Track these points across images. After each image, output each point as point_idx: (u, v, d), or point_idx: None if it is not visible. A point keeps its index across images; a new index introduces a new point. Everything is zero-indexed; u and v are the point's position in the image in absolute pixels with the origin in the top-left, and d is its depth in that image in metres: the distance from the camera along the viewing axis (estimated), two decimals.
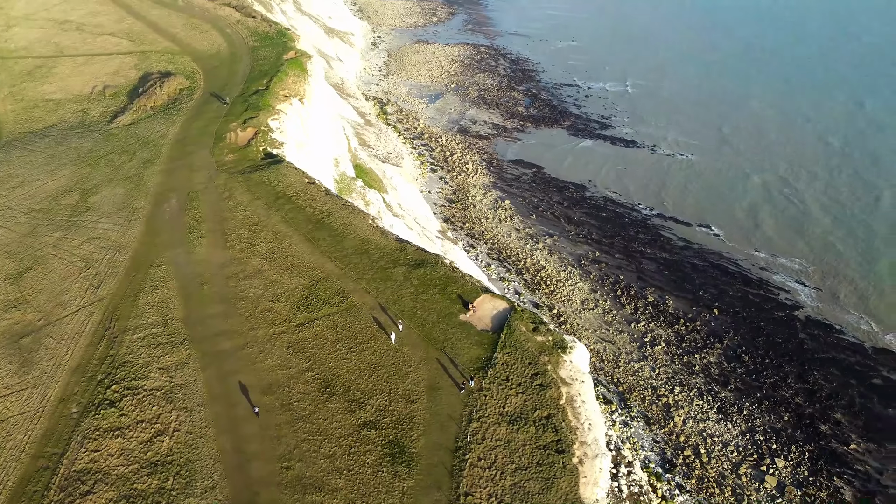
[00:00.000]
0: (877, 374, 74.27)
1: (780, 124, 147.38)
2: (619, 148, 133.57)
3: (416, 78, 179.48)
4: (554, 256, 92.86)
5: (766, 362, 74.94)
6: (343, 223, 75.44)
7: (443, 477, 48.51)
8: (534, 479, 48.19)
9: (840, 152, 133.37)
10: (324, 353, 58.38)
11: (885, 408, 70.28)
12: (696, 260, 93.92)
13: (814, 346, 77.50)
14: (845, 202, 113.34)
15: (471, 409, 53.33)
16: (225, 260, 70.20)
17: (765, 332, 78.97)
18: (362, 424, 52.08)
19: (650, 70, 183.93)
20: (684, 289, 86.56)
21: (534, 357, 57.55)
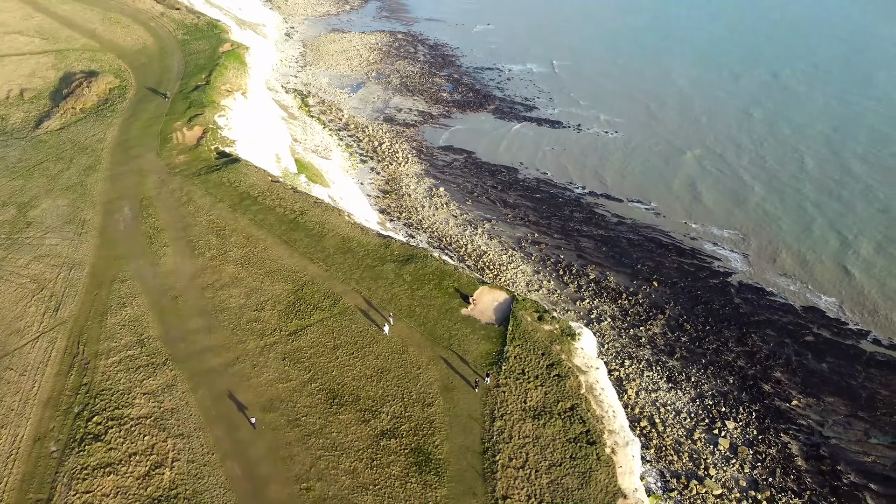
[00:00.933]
0: (808, 332, 77.11)
1: (703, 99, 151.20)
2: (546, 129, 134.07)
3: (335, 68, 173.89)
4: (494, 241, 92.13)
5: (706, 329, 76.64)
6: (319, 221, 71.28)
7: (475, 482, 46.04)
8: (570, 474, 46.41)
9: (763, 122, 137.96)
10: (324, 361, 54.62)
11: (819, 363, 72.82)
12: (631, 235, 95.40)
13: (749, 309, 79.95)
14: (772, 169, 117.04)
15: (491, 407, 50.98)
16: (196, 269, 64.94)
17: (703, 299, 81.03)
18: (380, 434, 48.87)
19: (568, 51, 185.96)
20: (623, 263, 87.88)
21: (545, 347, 55.71)
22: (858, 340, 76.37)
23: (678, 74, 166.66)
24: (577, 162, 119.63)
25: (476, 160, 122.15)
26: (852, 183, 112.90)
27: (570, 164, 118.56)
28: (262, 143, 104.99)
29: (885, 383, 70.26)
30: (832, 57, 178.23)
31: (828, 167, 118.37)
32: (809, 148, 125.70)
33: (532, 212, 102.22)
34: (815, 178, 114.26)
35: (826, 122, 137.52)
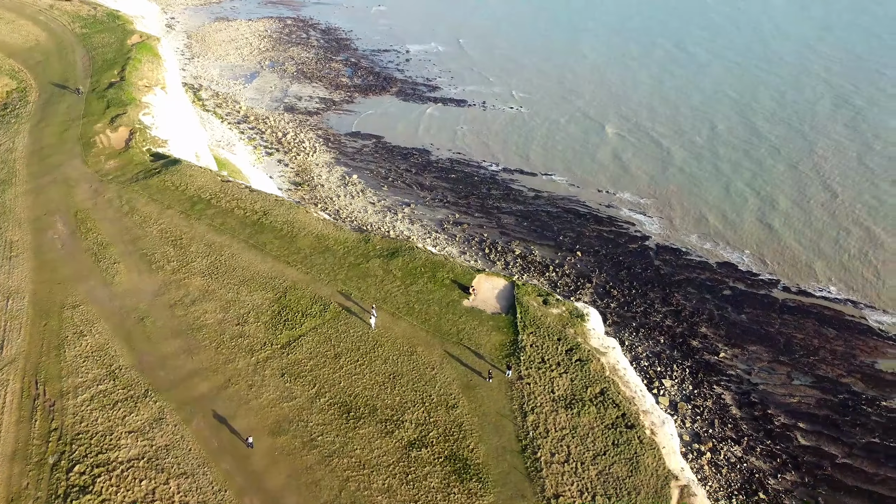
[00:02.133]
0: (725, 286, 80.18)
1: (613, 71, 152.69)
2: (453, 108, 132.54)
3: (225, 58, 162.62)
4: (416, 225, 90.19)
5: (633, 293, 78.19)
6: (286, 221, 65.72)
7: (521, 483, 43.17)
8: (617, 461, 44.38)
9: (673, 90, 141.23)
10: (328, 372, 49.95)
11: (739, 314, 75.69)
12: (549, 207, 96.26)
13: (669, 270, 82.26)
14: (681, 134, 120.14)
15: (519, 401, 48.16)
16: (158, 285, 58.14)
17: (625, 265, 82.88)
18: (408, 445, 45.02)
19: (466, 30, 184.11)
20: (545, 237, 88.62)
21: (559, 332, 53.39)
22: (770, 290, 79.59)
23: (589, 49, 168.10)
24: (488, 139, 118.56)
25: (386, 144, 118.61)
26: (757, 143, 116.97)
27: (482, 142, 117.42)
28: (183, 140, 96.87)
29: (799, 327, 73.12)
30: (734, 26, 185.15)
31: (735, 130, 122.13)
32: (718, 112, 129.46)
33: (450, 192, 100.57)
34: (721, 141, 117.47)
35: (731, 87, 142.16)
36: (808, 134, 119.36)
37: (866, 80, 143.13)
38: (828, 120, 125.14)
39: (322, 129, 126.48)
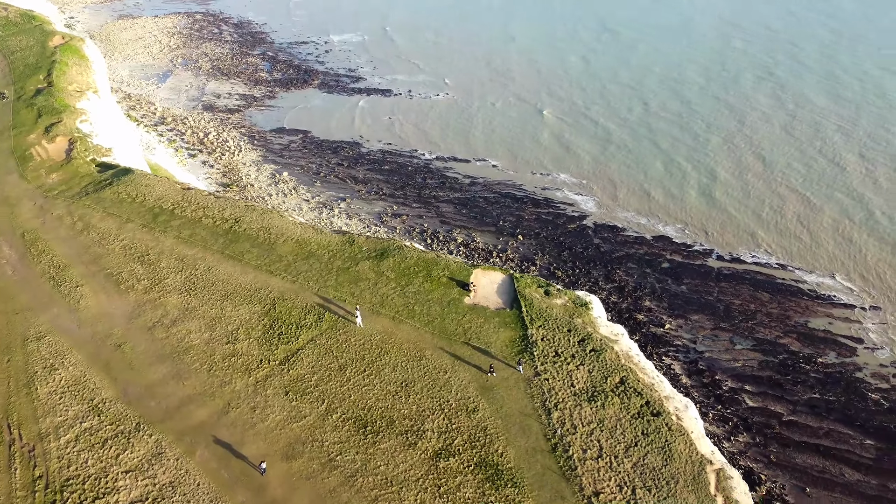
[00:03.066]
0: (663, 259, 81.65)
1: (543, 53, 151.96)
2: (379, 98, 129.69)
3: (133, 58, 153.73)
4: (354, 220, 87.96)
5: (577, 273, 78.60)
6: (260, 227, 61.79)
7: (559, 484, 41.59)
8: (650, 451, 43.42)
9: (604, 69, 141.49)
10: (335, 386, 46.94)
11: (679, 286, 77.10)
12: (486, 193, 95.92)
13: (609, 248, 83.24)
14: (618, 112, 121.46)
15: (540, 398, 46.55)
16: (131, 307, 53.45)
17: (566, 245, 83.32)
18: (434, 456, 42.70)
19: (391, 17, 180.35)
20: (485, 223, 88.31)
21: (568, 323, 52.08)
22: (705, 259, 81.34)
23: (517, 32, 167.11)
24: (419, 128, 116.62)
25: (314, 139, 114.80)
26: (687, 117, 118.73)
27: (412, 132, 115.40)
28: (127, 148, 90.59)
29: (735, 293, 74.92)
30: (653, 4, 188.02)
31: (666, 106, 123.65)
32: (650, 90, 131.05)
33: (385, 184, 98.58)
34: (652, 117, 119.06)
35: (657, 64, 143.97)
36: (736, 106, 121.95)
37: (784, 53, 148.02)
38: (752, 92, 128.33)
39: (245, 126, 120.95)
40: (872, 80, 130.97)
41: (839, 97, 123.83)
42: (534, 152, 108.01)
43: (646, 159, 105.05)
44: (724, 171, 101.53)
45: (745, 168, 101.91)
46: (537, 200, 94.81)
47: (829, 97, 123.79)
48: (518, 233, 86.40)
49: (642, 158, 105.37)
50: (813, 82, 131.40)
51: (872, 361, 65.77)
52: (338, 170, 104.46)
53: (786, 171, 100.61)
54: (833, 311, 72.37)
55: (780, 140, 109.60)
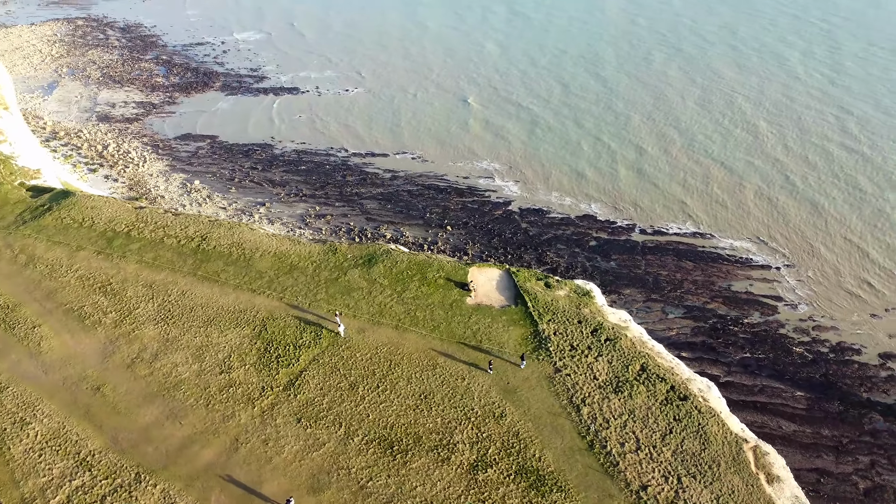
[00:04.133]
0: (590, 237, 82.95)
1: (454, 41, 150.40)
2: (287, 97, 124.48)
3: (12, 70, 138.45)
4: (276, 224, 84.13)
5: (509, 258, 78.61)
6: (231, 243, 57.28)
7: (603, 482, 40.19)
8: (686, 437, 42.69)
9: (521, 53, 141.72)
10: (350, 407, 43.76)
11: (608, 262, 78.53)
12: (409, 186, 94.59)
13: (536, 231, 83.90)
14: (539, 95, 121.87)
15: (566, 395, 45.00)
16: (101, 345, 48.18)
17: (496, 232, 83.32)
18: (471, 469, 40.40)
19: (291, 12, 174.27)
20: (412, 216, 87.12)
21: (575, 314, 50.81)
22: (630, 234, 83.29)
23: (429, 20, 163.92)
24: (330, 125, 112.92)
25: (223, 143, 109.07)
26: (605, 97, 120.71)
27: (325, 129, 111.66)
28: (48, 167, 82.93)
29: (661, 265, 76.91)
30: None
31: (585, 86, 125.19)
32: (568, 72, 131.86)
33: (304, 185, 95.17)
34: (570, 98, 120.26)
35: (571, 45, 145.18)
36: (650, 83, 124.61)
37: (687, 29, 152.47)
38: (664, 68, 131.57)
39: (147, 135, 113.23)
40: (770, 51, 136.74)
41: (743, 68, 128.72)
42: (453, 141, 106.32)
43: (566, 141, 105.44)
44: (644, 146, 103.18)
45: (663, 142, 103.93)
46: (461, 189, 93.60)
47: (734, 69, 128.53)
48: (446, 223, 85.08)
49: (562, 140, 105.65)
50: (718, 56, 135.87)
51: (793, 317, 68.28)
52: (252, 174, 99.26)
53: (703, 142, 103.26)
54: (752, 273, 74.77)
55: (694, 113, 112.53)
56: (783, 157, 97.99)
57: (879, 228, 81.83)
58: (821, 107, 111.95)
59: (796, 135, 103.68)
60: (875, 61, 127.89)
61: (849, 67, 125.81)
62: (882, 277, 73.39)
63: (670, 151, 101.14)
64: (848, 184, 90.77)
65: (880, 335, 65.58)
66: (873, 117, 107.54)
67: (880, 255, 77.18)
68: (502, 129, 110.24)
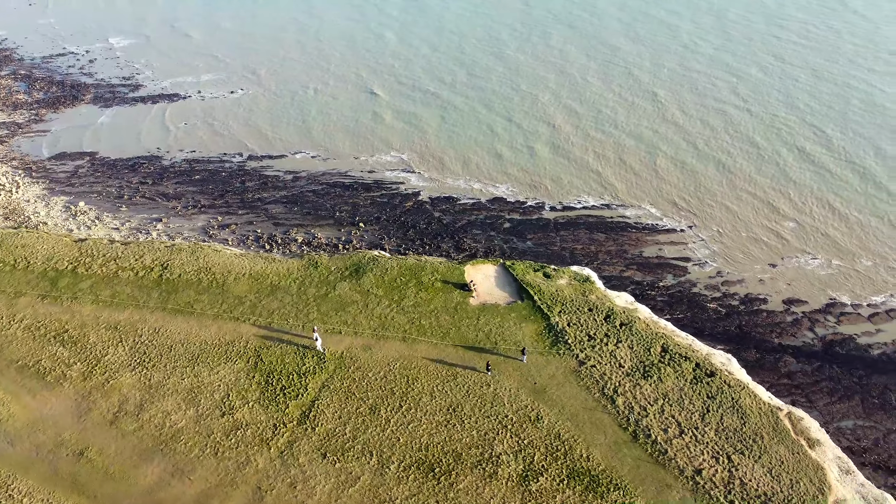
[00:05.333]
0: (503, 219, 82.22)
1: (354, 33, 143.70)
2: (169, 104, 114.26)
3: None
4: (178, 239, 78.30)
5: (428, 249, 76.81)
6: (197, 269, 51.86)
7: (656, 472, 38.93)
8: (725, 413, 42.13)
9: (423, 40, 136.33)
10: (376, 433, 40.28)
11: (524, 242, 78.20)
12: (314, 186, 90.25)
13: (450, 219, 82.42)
14: (441, 82, 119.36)
15: (597, 387, 43.39)
16: (73, 402, 42.15)
17: (410, 224, 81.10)
18: (521, 480, 38.07)
19: (162, 15, 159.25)
20: (322, 216, 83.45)
21: (583, 301, 49.34)
22: (541, 213, 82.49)
23: (323, 14, 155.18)
24: (220, 130, 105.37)
25: (104, 160, 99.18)
26: (507, 77, 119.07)
27: (214, 135, 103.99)
28: None
29: (575, 239, 76.63)
30: None
31: (488, 69, 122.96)
32: (466, 55, 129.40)
33: (201, 195, 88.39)
34: (475, 81, 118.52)
35: (469, 29, 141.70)
36: (551, 61, 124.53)
37: (580, 7, 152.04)
38: (563, 45, 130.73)
39: (16, 158, 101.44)
40: (660, 21, 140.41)
41: (637, 40, 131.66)
42: (352, 135, 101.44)
43: (470, 125, 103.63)
44: (551, 123, 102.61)
45: (570, 118, 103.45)
46: (368, 185, 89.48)
47: (629, 42, 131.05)
48: (358, 221, 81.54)
49: (466, 124, 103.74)
50: (611, 31, 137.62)
51: (703, 275, 70.12)
52: (142, 189, 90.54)
53: (608, 115, 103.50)
54: (660, 238, 75.91)
55: (598, 88, 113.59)
56: (682, 122, 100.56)
57: (772, 182, 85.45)
58: (711, 72, 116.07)
59: (692, 100, 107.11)
60: (755, 27, 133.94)
61: (733, 35, 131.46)
62: (777, 229, 76.63)
63: (578, 127, 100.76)
64: (743, 142, 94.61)
65: (780, 283, 68.07)
66: (758, 79, 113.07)
67: (774, 208, 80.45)
68: (407, 118, 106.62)
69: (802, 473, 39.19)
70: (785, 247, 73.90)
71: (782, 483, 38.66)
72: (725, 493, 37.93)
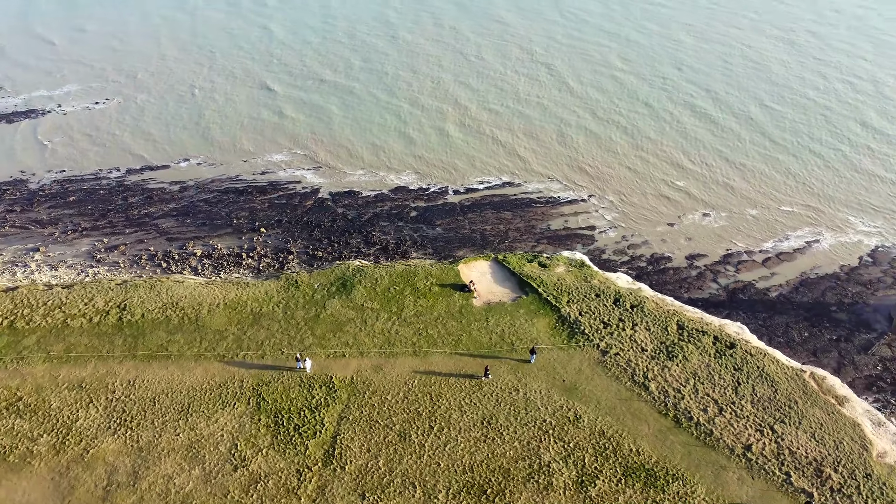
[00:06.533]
0: (409, 208, 79.67)
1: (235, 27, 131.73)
2: (22, 123, 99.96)
3: None
4: (61, 269, 70.54)
5: (336, 247, 73.18)
6: (161, 305, 46.00)
7: (708, 454, 37.86)
8: (755, 384, 41.68)
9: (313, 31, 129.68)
10: (412, 461, 36.83)
11: (434, 229, 75.80)
12: (204, 195, 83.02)
13: (355, 213, 78.69)
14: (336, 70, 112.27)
15: (627, 376, 41.77)
16: (50, 481, 36.07)
17: (313, 223, 77.06)
18: (578, 487, 35.86)
19: (12, 21, 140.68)
20: (219, 226, 77.78)
21: (587, 287, 47.72)
22: (445, 197, 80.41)
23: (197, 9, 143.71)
24: (90, 144, 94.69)
25: None
26: (389, 65, 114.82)
27: (84, 150, 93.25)
28: None
29: (483, 220, 74.92)
30: None
31: (367, 58, 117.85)
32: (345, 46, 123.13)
33: (81, 218, 78.96)
34: (357, 73, 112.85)
35: (359, 14, 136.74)
36: (444, 40, 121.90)
37: None
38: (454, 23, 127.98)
39: None
40: None
41: (526, 15, 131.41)
42: (240, 136, 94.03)
43: (363, 115, 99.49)
44: (446, 107, 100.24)
45: (458, 101, 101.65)
46: (263, 187, 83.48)
47: (519, 17, 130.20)
48: (259, 226, 76.05)
49: (365, 114, 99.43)
50: (501, 6, 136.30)
51: (610, 241, 70.55)
52: (10, 218, 79.36)
53: (509, 91, 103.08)
54: (564, 210, 75.93)
55: (495, 65, 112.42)
56: (578, 91, 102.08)
57: (666, 142, 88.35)
58: (599, 41, 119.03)
59: (585, 69, 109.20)
60: None
61: (612, 6, 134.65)
62: (672, 187, 79.15)
63: (478, 107, 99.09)
64: (630, 109, 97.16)
65: (681, 240, 70.02)
66: (643, 45, 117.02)
67: (669, 166, 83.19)
68: (305, 111, 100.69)
69: (843, 433, 39.31)
70: (681, 204, 76.45)
71: (827, 445, 38.59)
72: (779, 466, 37.36)
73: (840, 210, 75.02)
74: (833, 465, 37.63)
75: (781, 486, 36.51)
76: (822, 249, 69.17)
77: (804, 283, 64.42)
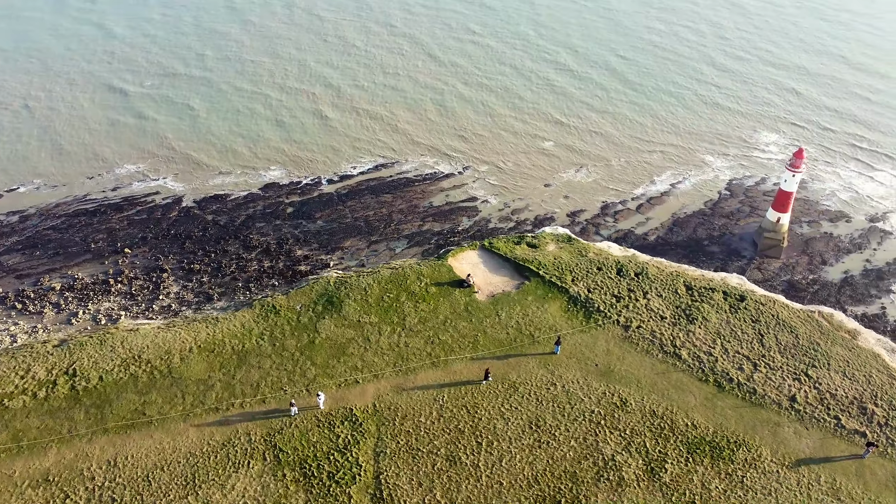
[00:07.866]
0: (283, 204, 73.66)
1: (56, 30, 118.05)
2: None
3: None
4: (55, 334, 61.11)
5: (213, 257, 68.31)
6: (123, 360, 38.83)
7: (758, 413, 37.12)
8: (776, 333, 41.42)
9: (169, 28, 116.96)
10: (471, 484, 33.22)
11: (314, 222, 71.48)
12: (51, 222, 69.72)
13: (226, 218, 73.03)
14: (185, 62, 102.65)
15: (656, 348, 40.12)
16: None
17: (183, 235, 70.53)
18: (651, 475, 33.83)
19: None
20: (74, 254, 67.57)
21: (587, 262, 45.62)
22: (319, 188, 76.81)
23: (21, 10, 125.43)
24: None
25: None
26: (237, 54, 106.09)
27: None
28: None
29: (364, 206, 72.70)
30: None
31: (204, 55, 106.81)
32: (196, 41, 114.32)
33: None
34: (207, 70, 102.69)
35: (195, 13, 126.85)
36: (302, 23, 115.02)
37: None
38: (310, 5, 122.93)
39: None
40: None
41: None
42: (75, 152, 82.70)
43: (227, 107, 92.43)
44: (309, 92, 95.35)
45: (328, 82, 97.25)
46: (118, 204, 74.38)
47: None
48: (122, 247, 68.44)
49: (224, 107, 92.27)
50: None
51: (493, 210, 70.69)
52: None
53: (349, 73, 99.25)
54: (443, 185, 75.10)
55: (349, 45, 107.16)
56: (440, 62, 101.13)
57: (533, 103, 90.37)
58: (454, 7, 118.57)
59: (439, 41, 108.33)
60: None
61: None
62: (541, 148, 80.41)
63: (341, 90, 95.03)
64: (498, 72, 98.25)
65: (560, 199, 70.98)
66: (485, 12, 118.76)
67: (537, 128, 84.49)
68: (157, 112, 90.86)
69: (869, 366, 39.90)
70: (559, 159, 78.08)
71: (860, 382, 38.98)
72: (826, 411, 37.24)
73: (700, 145, 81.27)
74: (872, 399, 37.99)
75: (835, 432, 36.37)
76: (686, 189, 73.41)
77: (677, 223, 67.65)
